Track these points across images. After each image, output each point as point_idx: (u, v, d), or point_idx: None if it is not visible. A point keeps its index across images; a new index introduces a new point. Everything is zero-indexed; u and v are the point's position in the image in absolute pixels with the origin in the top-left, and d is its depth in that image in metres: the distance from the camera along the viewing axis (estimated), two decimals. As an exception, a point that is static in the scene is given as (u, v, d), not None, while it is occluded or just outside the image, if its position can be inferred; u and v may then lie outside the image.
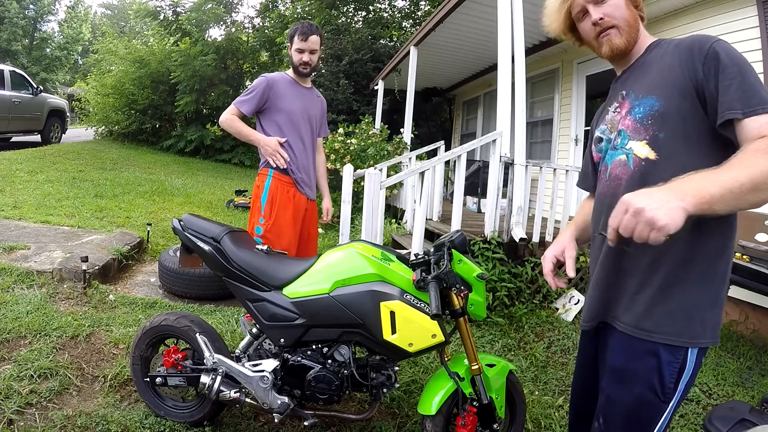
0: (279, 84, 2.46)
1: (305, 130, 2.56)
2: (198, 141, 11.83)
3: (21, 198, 5.17)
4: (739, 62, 1.02)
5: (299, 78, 2.55)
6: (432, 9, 11.86)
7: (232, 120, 2.45)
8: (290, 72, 2.56)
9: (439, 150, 5.87)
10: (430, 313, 1.50)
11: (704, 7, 3.99)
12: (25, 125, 9.26)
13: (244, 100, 2.44)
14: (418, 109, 8.09)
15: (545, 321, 3.55)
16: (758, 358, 3.14)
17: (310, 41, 2.42)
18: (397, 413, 2.25)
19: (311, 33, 2.43)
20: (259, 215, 2.46)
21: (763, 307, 3.37)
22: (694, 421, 2.42)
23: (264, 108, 2.47)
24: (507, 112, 3.70)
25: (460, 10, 4.93)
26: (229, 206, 6.59)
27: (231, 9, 13.41)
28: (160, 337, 2.02)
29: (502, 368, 1.82)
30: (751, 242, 2.99)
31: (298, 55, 2.45)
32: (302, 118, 2.53)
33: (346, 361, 1.77)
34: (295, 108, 2.49)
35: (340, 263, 1.74)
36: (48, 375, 2.15)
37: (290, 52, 2.50)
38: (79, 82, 22.81)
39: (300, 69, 2.48)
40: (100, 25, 26.85)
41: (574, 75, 5.77)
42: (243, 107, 2.43)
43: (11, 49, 22.44)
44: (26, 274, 3.08)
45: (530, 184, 3.89)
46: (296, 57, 2.46)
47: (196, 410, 1.97)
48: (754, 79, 1.00)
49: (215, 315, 3.05)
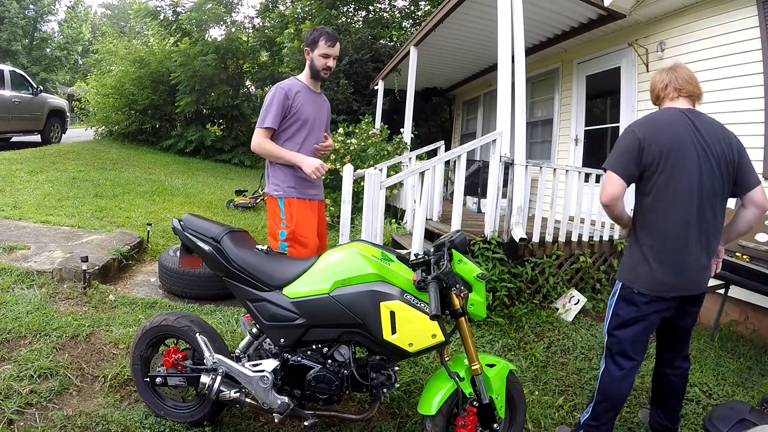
0: (294, 92, 2.40)
1: (318, 136, 2.53)
2: (198, 141, 11.83)
3: (21, 198, 5.17)
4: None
5: (313, 83, 2.51)
6: (432, 9, 11.86)
7: (265, 143, 2.36)
8: (302, 77, 2.50)
9: (439, 150, 5.86)
10: (430, 313, 1.50)
11: (704, 7, 3.99)
12: (25, 125, 9.25)
13: (266, 116, 2.35)
14: (418, 109, 8.08)
15: (545, 321, 3.55)
16: (758, 358, 3.14)
17: (336, 48, 2.41)
18: (397, 413, 2.25)
19: (337, 39, 2.43)
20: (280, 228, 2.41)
21: (763, 307, 3.37)
22: (694, 421, 2.42)
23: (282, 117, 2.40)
24: (507, 112, 3.70)
25: (460, 10, 4.94)
26: (229, 206, 6.59)
27: (231, 9, 13.39)
28: (160, 337, 2.02)
29: (502, 368, 1.82)
30: (751, 242, 2.99)
31: (323, 60, 2.41)
32: (315, 124, 2.50)
33: (346, 361, 1.77)
34: (311, 115, 2.45)
35: (340, 263, 1.74)
36: (48, 375, 2.15)
37: (310, 56, 2.44)
38: (79, 82, 22.81)
39: (322, 74, 2.44)
40: (100, 25, 26.83)
41: (574, 75, 5.77)
42: (268, 124, 2.35)
43: (11, 49, 22.43)
44: (26, 274, 3.08)
45: (530, 184, 3.89)
46: (320, 62, 2.41)
47: (196, 410, 1.97)
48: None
49: (215, 315, 3.05)
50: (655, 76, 2.06)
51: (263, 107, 2.39)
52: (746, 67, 3.60)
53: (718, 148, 1.83)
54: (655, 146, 1.82)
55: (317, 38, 2.40)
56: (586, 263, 4.04)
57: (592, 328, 3.56)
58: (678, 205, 1.83)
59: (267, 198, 2.50)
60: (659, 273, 1.85)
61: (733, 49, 3.72)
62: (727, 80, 3.70)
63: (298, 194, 2.43)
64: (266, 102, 2.38)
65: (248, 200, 6.77)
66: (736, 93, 3.60)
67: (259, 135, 2.37)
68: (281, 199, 2.41)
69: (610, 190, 1.87)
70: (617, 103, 5.06)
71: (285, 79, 2.49)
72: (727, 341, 3.37)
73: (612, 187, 1.86)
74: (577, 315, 3.71)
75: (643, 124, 1.92)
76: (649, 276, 1.87)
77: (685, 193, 1.81)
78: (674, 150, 1.81)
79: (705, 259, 1.87)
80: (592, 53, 5.47)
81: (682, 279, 1.86)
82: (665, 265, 1.85)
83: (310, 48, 2.43)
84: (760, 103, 3.49)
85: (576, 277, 4.08)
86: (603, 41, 5.25)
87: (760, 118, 3.47)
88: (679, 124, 1.85)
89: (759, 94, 3.50)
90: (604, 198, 1.89)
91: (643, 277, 1.89)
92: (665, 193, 1.84)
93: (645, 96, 4.62)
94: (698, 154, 1.81)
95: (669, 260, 1.85)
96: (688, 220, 1.82)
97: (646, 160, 1.83)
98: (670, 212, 1.84)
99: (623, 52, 4.94)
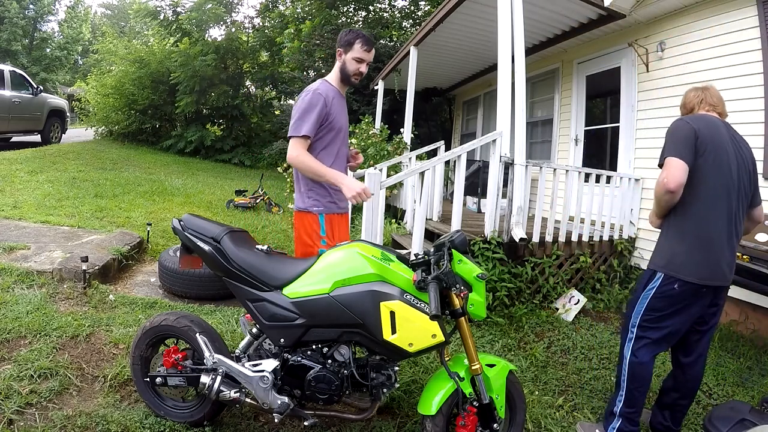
0: (331, 98, 2.19)
1: (346, 144, 2.38)
2: (198, 141, 11.83)
3: (21, 198, 5.17)
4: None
5: (342, 87, 2.32)
6: (432, 9, 11.85)
7: (303, 156, 2.10)
8: (332, 80, 2.29)
9: (439, 150, 5.86)
10: (430, 314, 1.50)
11: (704, 7, 3.99)
12: (25, 125, 9.25)
13: (302, 123, 2.11)
14: (418, 109, 8.08)
15: (545, 321, 3.55)
16: (758, 358, 3.14)
17: (372, 53, 2.26)
18: (397, 413, 2.25)
19: (374, 45, 2.27)
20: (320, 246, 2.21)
21: (763, 307, 3.37)
22: (694, 421, 2.42)
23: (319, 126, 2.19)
24: (507, 112, 3.70)
25: (460, 10, 4.93)
26: (229, 206, 6.59)
27: (231, 9, 13.39)
28: (160, 337, 2.02)
29: (502, 368, 1.82)
30: (751, 242, 2.98)
31: (356, 65, 2.23)
32: (345, 132, 2.34)
33: (346, 361, 1.77)
34: (343, 122, 2.30)
35: (340, 263, 1.74)
36: (48, 375, 2.15)
37: (342, 58, 2.24)
38: (79, 82, 22.81)
39: (353, 79, 2.26)
40: (100, 25, 26.84)
41: (574, 75, 5.77)
42: (306, 132, 2.10)
43: (11, 49, 22.44)
44: (26, 274, 3.08)
45: (530, 184, 3.89)
46: (353, 66, 2.23)
47: (196, 410, 1.97)
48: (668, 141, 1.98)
49: (215, 315, 3.05)
50: (690, 93, 2.21)
51: (298, 113, 2.14)
52: (746, 67, 3.60)
53: (747, 157, 2.03)
54: (707, 138, 1.93)
55: (353, 40, 2.21)
56: (586, 263, 4.04)
57: (592, 328, 3.56)
58: (723, 198, 1.94)
59: (301, 213, 2.24)
60: (704, 262, 1.93)
61: (733, 49, 3.71)
62: (727, 80, 3.70)
63: (338, 209, 2.28)
64: (301, 108, 2.14)
65: (248, 200, 6.77)
66: (736, 93, 3.60)
67: (297, 146, 2.11)
68: (322, 215, 2.21)
69: (678, 175, 1.88)
70: (617, 103, 5.06)
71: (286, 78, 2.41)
72: (727, 341, 3.37)
73: (680, 172, 1.88)
74: (577, 315, 3.72)
75: (694, 118, 2.04)
76: (696, 265, 1.93)
77: (728, 186, 1.95)
78: (719, 146, 1.94)
79: (733, 252, 2.00)
80: (592, 53, 5.47)
81: (719, 269, 1.95)
82: (710, 254, 1.94)
83: (344, 49, 2.24)
84: (760, 103, 3.49)
85: (576, 277, 4.08)
86: (603, 41, 5.25)
87: (760, 118, 3.47)
88: (721, 128, 2.01)
89: (759, 94, 3.50)
90: (674, 184, 1.88)
91: (689, 267, 1.93)
92: (713, 183, 1.94)
93: (645, 96, 4.62)
94: (736, 156, 1.98)
95: (713, 249, 1.94)
96: (729, 214, 1.95)
97: (699, 149, 1.93)
98: (717, 204, 1.94)
99: (623, 52, 4.93)
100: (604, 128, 5.46)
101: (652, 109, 4.49)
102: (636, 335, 2.07)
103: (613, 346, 3.26)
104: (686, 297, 1.95)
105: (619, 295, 4.10)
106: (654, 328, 2.03)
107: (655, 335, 2.03)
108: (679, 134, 1.96)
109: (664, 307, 1.99)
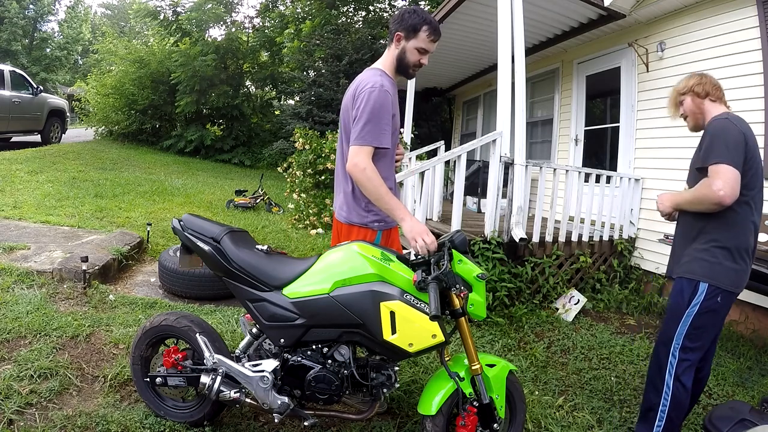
0: (394, 93, 1.91)
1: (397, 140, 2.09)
2: (198, 141, 11.82)
3: (21, 198, 5.17)
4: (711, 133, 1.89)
5: (395, 77, 2.01)
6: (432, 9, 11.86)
7: (372, 173, 1.76)
8: (388, 69, 1.96)
9: (439, 150, 5.87)
10: (430, 314, 1.50)
11: (704, 7, 3.99)
12: (25, 125, 9.25)
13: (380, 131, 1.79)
14: (418, 109, 8.08)
15: (545, 321, 3.55)
16: (758, 358, 3.14)
17: (435, 45, 1.96)
18: (397, 413, 2.25)
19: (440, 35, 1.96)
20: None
21: (763, 307, 3.37)
22: (694, 421, 2.41)
23: None
24: (507, 112, 3.70)
25: (460, 10, 4.94)
26: (229, 206, 6.58)
27: (231, 9, 13.39)
28: (160, 337, 2.02)
29: (502, 368, 1.82)
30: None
31: (418, 56, 1.92)
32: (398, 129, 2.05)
33: (346, 361, 1.77)
34: (398, 119, 2.00)
35: (340, 263, 1.74)
36: (48, 375, 2.15)
37: (401, 44, 1.91)
38: (79, 82, 22.79)
39: (411, 71, 1.97)
40: (100, 25, 26.86)
41: (574, 75, 5.77)
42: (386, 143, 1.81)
43: (11, 49, 22.43)
44: (26, 274, 3.08)
45: (530, 184, 3.89)
46: (414, 57, 1.91)
47: (196, 410, 1.97)
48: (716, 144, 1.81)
49: (215, 315, 3.05)
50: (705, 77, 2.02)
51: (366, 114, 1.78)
52: (746, 67, 3.60)
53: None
54: (752, 145, 1.83)
55: (419, 26, 1.86)
56: (586, 263, 4.04)
57: (592, 328, 3.56)
58: (759, 206, 1.89)
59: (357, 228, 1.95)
60: (743, 271, 1.86)
61: (733, 49, 3.72)
62: (727, 80, 3.69)
63: (394, 222, 1.97)
64: (369, 108, 1.78)
65: (248, 200, 6.77)
66: (736, 93, 3.60)
67: (367, 157, 1.77)
68: (380, 231, 1.96)
69: (736, 188, 1.71)
70: (617, 103, 5.06)
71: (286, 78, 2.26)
72: (727, 341, 3.37)
73: (735, 181, 1.71)
74: (577, 315, 3.72)
75: (737, 120, 1.87)
76: (736, 273, 1.84)
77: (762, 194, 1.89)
78: (757, 152, 1.85)
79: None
80: (592, 53, 5.47)
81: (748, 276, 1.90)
82: (747, 263, 1.87)
83: (405, 35, 1.89)
84: (760, 103, 3.49)
85: (576, 277, 4.08)
86: (603, 41, 5.25)
87: (760, 118, 3.47)
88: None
89: (759, 94, 3.51)
90: (729, 197, 1.71)
91: (731, 276, 1.83)
92: (754, 191, 1.85)
93: (645, 96, 4.62)
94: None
95: (750, 258, 1.88)
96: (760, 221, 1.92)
97: (746, 155, 1.80)
98: (754, 212, 1.88)
99: (623, 52, 4.94)
100: (604, 128, 5.47)
101: (652, 109, 4.49)
102: (679, 358, 1.86)
103: (613, 346, 3.26)
104: (725, 309, 1.85)
105: (619, 295, 4.10)
106: (697, 349, 1.85)
107: (695, 357, 1.86)
108: (731, 138, 1.77)
109: (707, 323, 1.83)
